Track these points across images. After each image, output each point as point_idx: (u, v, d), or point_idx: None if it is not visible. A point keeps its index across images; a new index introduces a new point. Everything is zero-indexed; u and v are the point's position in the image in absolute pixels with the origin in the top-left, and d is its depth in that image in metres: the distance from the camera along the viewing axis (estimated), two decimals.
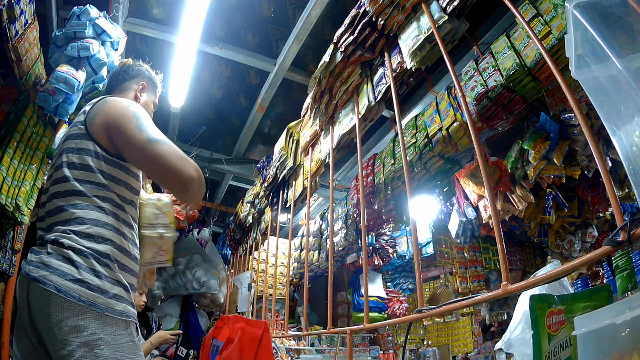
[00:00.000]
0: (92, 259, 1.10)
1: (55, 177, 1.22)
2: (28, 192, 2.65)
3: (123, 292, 1.14)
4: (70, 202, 1.16)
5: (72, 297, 1.03)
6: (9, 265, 2.79)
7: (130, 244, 1.24)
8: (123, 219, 1.24)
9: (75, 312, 1.03)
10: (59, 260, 1.07)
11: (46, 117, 2.80)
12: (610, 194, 1.00)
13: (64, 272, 1.06)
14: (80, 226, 1.13)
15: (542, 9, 1.71)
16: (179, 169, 1.19)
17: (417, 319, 1.53)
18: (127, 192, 1.27)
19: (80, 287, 1.05)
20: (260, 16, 3.24)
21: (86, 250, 1.10)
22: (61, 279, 1.05)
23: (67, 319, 1.02)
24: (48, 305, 1.03)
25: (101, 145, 1.23)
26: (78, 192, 1.17)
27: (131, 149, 1.23)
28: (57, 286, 1.03)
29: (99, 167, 1.21)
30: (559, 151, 2.24)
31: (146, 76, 1.58)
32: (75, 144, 1.23)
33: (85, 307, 1.04)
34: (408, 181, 1.74)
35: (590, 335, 0.79)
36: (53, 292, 1.03)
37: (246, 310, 4.39)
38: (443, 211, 3.46)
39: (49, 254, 1.09)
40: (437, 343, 5.72)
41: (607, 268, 2.65)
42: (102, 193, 1.20)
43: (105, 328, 1.05)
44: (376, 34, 2.12)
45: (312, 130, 2.91)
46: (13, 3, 2.05)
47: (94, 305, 1.05)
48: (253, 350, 1.94)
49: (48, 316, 1.02)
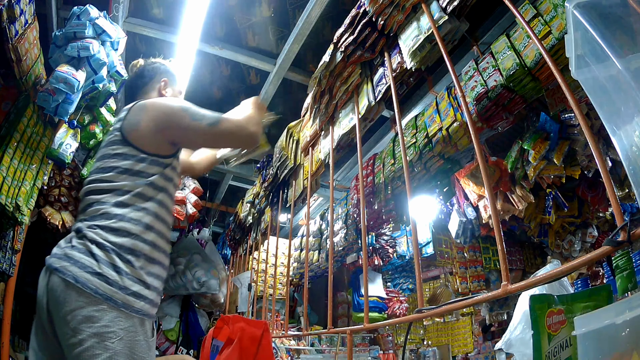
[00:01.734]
0: (113, 254, 1.10)
1: (90, 179, 1.26)
2: (28, 192, 2.65)
3: (144, 290, 1.14)
4: (100, 200, 1.19)
5: (89, 289, 1.04)
6: (9, 265, 2.79)
7: (162, 238, 1.25)
8: (155, 214, 1.24)
9: (90, 302, 1.03)
10: (80, 253, 1.09)
11: (46, 117, 2.80)
12: (610, 194, 1.00)
13: (84, 265, 1.07)
14: (106, 221, 1.15)
15: (542, 9, 1.71)
16: (244, 138, 1.40)
17: (417, 319, 1.53)
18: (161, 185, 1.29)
19: (99, 280, 1.06)
20: (260, 16, 3.24)
21: (108, 245, 1.11)
22: (81, 270, 1.06)
23: (82, 309, 1.02)
24: (64, 293, 1.04)
25: (139, 148, 1.26)
26: (109, 190, 1.20)
27: (196, 139, 1.38)
28: (75, 277, 1.05)
29: (134, 168, 1.24)
30: (559, 151, 2.24)
31: (163, 71, 1.60)
32: (112, 150, 1.27)
33: (101, 299, 1.04)
34: (408, 181, 1.74)
35: (590, 335, 0.79)
36: (71, 282, 1.04)
37: (246, 310, 4.39)
38: (443, 211, 3.46)
39: (72, 247, 1.11)
40: (437, 343, 5.72)
41: (607, 268, 2.66)
42: (135, 189, 1.22)
43: (119, 322, 1.04)
44: (376, 34, 2.12)
45: (312, 130, 2.91)
46: (13, 3, 2.05)
47: (111, 299, 1.05)
48: (253, 350, 1.94)
49: (63, 304, 1.03)
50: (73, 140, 2.94)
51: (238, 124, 1.38)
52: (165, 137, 1.31)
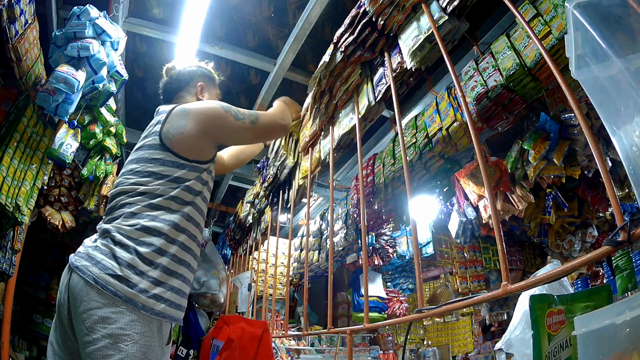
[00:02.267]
0: (136, 256, 1.10)
1: (120, 181, 1.25)
2: (28, 192, 2.65)
3: (166, 293, 1.13)
4: (133, 202, 1.18)
5: (108, 291, 1.04)
6: (9, 265, 2.79)
7: (193, 241, 1.25)
8: (189, 216, 1.24)
9: (108, 304, 1.03)
10: (102, 254, 1.09)
11: (46, 117, 2.80)
12: (610, 194, 1.00)
13: (105, 266, 1.07)
14: (138, 219, 1.15)
15: (542, 9, 1.71)
16: (278, 129, 1.63)
17: (417, 319, 1.53)
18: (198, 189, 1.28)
19: (120, 283, 1.06)
20: (260, 16, 3.24)
21: (132, 246, 1.10)
22: (101, 272, 1.06)
23: (99, 309, 1.02)
24: (83, 292, 1.04)
25: (179, 155, 1.26)
26: (143, 192, 1.20)
27: (242, 138, 1.49)
28: (95, 277, 1.05)
29: (174, 175, 1.23)
30: (559, 151, 2.24)
31: (199, 75, 1.61)
32: (150, 154, 1.26)
33: (120, 301, 1.04)
34: (408, 181, 1.74)
35: (590, 335, 0.79)
36: (91, 282, 1.04)
37: (246, 310, 4.39)
38: (443, 211, 3.45)
39: (95, 247, 1.12)
40: (437, 343, 5.72)
41: (607, 268, 2.65)
42: (169, 193, 1.21)
43: (136, 326, 1.04)
44: (376, 34, 2.12)
45: (312, 130, 2.91)
46: (13, 3, 2.05)
47: (131, 301, 1.05)
48: (253, 350, 1.94)
49: (81, 302, 1.04)
50: (73, 140, 2.94)
51: (273, 118, 1.57)
52: (212, 140, 1.34)
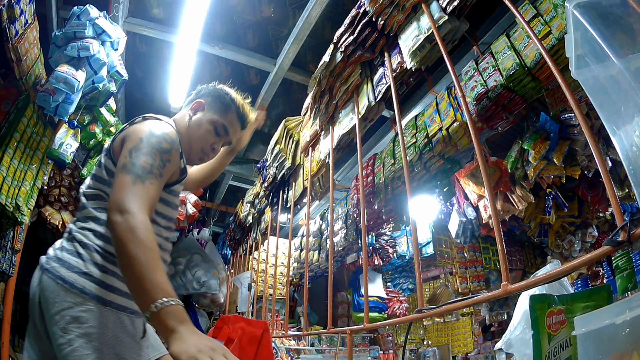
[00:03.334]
0: (97, 254, 1.11)
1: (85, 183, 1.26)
2: (28, 192, 2.65)
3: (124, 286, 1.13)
4: (93, 205, 1.19)
5: (76, 289, 1.05)
6: (9, 265, 2.79)
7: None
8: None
9: (78, 302, 1.04)
10: (69, 254, 1.11)
11: (46, 117, 2.80)
12: (610, 194, 1.00)
13: (71, 265, 1.08)
14: (94, 224, 1.15)
15: (542, 9, 1.71)
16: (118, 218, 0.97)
17: (417, 319, 1.53)
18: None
19: (86, 279, 1.07)
20: (260, 16, 3.24)
21: (92, 245, 1.12)
22: (68, 271, 1.07)
23: (70, 309, 1.03)
24: (54, 293, 1.05)
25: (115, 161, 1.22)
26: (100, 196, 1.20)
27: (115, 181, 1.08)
28: (63, 277, 1.06)
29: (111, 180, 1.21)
30: (559, 151, 2.24)
31: (207, 94, 1.43)
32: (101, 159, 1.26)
33: (88, 297, 1.05)
34: (408, 181, 1.74)
35: (590, 335, 0.79)
36: (59, 282, 1.05)
37: (246, 310, 4.39)
38: (443, 211, 3.45)
39: (62, 248, 1.13)
40: (437, 343, 5.72)
41: (607, 268, 2.65)
42: None
43: (107, 323, 1.05)
44: (376, 34, 2.12)
45: (312, 131, 2.91)
46: (13, 3, 2.05)
47: (97, 297, 1.06)
48: (253, 350, 1.94)
49: (53, 304, 1.04)
50: (73, 140, 2.94)
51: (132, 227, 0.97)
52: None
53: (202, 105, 1.41)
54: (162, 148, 1.16)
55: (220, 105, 1.42)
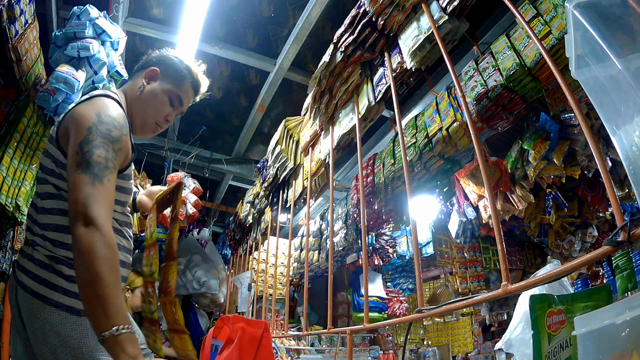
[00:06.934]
0: (63, 265, 1.08)
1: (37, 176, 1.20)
2: (28, 192, 2.65)
3: None
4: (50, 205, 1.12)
5: (49, 303, 1.03)
6: (9, 265, 2.79)
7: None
8: None
9: (55, 317, 1.02)
10: (37, 266, 1.07)
11: (46, 117, 2.80)
12: (610, 194, 1.00)
13: (42, 279, 1.06)
14: (58, 235, 1.10)
15: (542, 9, 1.71)
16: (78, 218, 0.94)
17: (417, 319, 1.53)
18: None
19: (55, 291, 1.05)
20: (260, 16, 3.24)
21: (57, 257, 1.08)
22: (40, 285, 1.05)
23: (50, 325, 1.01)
24: (31, 310, 1.04)
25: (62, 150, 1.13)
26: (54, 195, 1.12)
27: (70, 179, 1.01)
28: (35, 292, 1.04)
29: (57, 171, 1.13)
30: (559, 151, 2.24)
31: (161, 61, 1.34)
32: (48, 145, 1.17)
33: (62, 310, 1.03)
34: (408, 181, 1.74)
35: (590, 335, 0.79)
36: (34, 299, 1.04)
37: (246, 310, 4.40)
38: (443, 211, 3.45)
39: (31, 258, 1.09)
40: (437, 343, 5.72)
41: (607, 268, 2.65)
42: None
43: (86, 332, 1.03)
44: (376, 34, 2.12)
45: (312, 131, 2.91)
46: (13, 3, 2.05)
47: (71, 309, 1.04)
48: (253, 350, 1.94)
49: (34, 321, 1.03)
50: None
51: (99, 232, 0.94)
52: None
53: (156, 74, 1.32)
54: (112, 137, 1.07)
55: (176, 75, 1.34)
